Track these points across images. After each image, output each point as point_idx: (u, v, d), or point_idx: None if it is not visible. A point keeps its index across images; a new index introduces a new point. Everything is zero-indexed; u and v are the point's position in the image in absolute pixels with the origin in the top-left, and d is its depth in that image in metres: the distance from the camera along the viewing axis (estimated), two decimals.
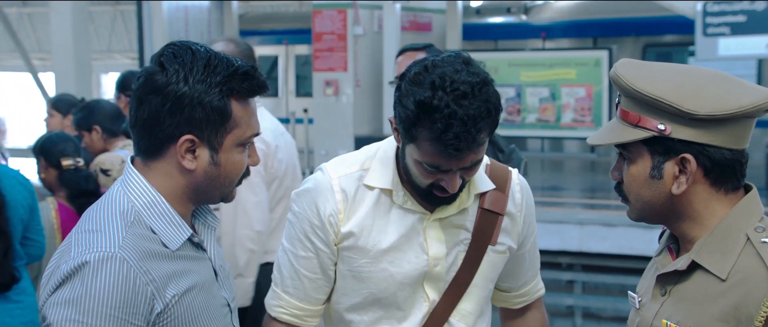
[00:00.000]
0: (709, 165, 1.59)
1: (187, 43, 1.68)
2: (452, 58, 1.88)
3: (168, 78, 1.61)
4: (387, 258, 2.04)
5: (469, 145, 1.82)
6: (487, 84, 1.84)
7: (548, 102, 10.86)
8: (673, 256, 1.70)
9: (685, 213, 1.63)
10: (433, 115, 1.80)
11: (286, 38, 16.40)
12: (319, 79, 11.80)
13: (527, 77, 11.00)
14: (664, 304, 1.66)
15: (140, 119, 1.64)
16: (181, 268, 1.66)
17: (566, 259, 8.66)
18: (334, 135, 11.43)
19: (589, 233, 8.43)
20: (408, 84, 1.86)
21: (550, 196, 10.56)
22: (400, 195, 2.03)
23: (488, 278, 2.12)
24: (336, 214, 2.03)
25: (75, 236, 1.61)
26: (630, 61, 1.67)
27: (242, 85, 1.65)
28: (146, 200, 1.65)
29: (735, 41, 9.29)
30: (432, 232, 2.04)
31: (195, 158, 1.65)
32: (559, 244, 8.49)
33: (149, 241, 1.62)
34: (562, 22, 14.73)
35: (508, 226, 2.12)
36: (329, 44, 11.67)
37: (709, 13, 9.38)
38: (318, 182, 2.07)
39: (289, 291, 2.11)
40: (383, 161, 2.06)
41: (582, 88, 10.60)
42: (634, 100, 1.60)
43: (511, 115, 11.09)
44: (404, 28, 11.65)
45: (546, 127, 11.07)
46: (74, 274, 1.53)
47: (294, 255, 2.09)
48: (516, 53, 12.10)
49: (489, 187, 2.08)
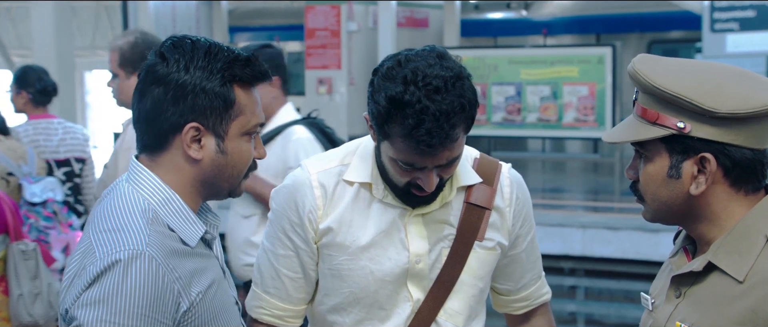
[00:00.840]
0: (730, 165, 1.58)
1: (186, 35, 1.73)
2: (426, 52, 1.89)
3: (169, 67, 1.66)
4: (367, 255, 2.04)
5: (442, 142, 1.83)
6: (461, 78, 1.86)
7: (549, 101, 10.85)
8: (689, 257, 1.69)
9: (703, 214, 1.62)
10: (405, 111, 1.81)
11: (278, 35, 16.38)
12: (311, 77, 11.78)
13: (528, 75, 10.99)
14: (678, 306, 1.65)
15: (143, 112, 1.68)
16: (201, 266, 1.70)
17: (568, 263, 8.65)
18: None
19: (593, 237, 8.42)
20: (380, 79, 1.87)
21: (551, 198, 10.55)
22: (380, 189, 2.04)
23: (477, 276, 2.10)
24: (315, 210, 2.05)
25: (95, 236, 1.63)
26: (649, 56, 1.66)
27: (244, 71, 1.69)
28: (161, 197, 1.68)
29: (744, 37, 9.29)
30: (413, 228, 2.04)
31: (201, 147, 1.68)
32: (561, 248, 8.48)
33: (170, 239, 1.65)
34: (564, 17, 14.73)
35: (496, 222, 2.11)
36: (322, 41, 11.66)
37: (716, 9, 9.38)
38: (297, 178, 2.08)
39: (270, 291, 2.12)
40: (363, 156, 2.07)
41: (585, 86, 10.59)
42: (653, 96, 1.60)
43: (511, 114, 11.08)
44: (400, 25, 11.65)
45: (547, 127, 11.06)
46: (105, 273, 1.56)
47: (274, 254, 2.10)
48: (516, 50, 12.08)
49: (474, 180, 2.08)
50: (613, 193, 10.30)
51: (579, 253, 8.52)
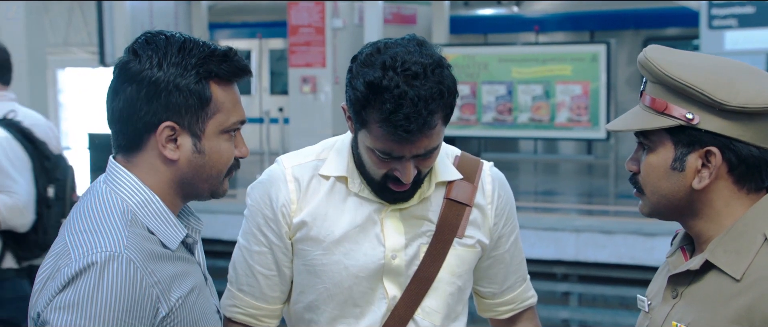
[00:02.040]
0: (735, 160, 1.61)
1: (161, 31, 1.71)
2: (406, 40, 1.94)
3: (141, 64, 1.65)
4: (341, 249, 2.07)
5: (420, 128, 1.87)
6: (441, 66, 1.91)
7: (542, 100, 10.88)
8: (686, 256, 1.72)
9: (703, 210, 1.65)
10: (383, 96, 1.86)
11: (260, 31, 16.37)
12: (295, 75, 11.77)
13: (519, 74, 11.01)
14: (675, 306, 1.67)
15: (116, 111, 1.67)
16: (181, 270, 1.69)
17: (561, 269, 8.66)
18: (312, 135, 11.39)
19: (586, 241, 8.44)
20: (358, 65, 1.93)
21: (544, 201, 10.57)
22: (356, 182, 2.07)
23: (456, 273, 2.12)
24: (288, 204, 2.08)
25: (70, 237, 1.62)
26: (661, 46, 1.69)
27: (221, 67, 1.68)
28: (140, 199, 1.67)
29: (743, 34, 9.34)
30: (390, 223, 2.07)
31: (177, 147, 1.67)
32: (554, 252, 8.50)
33: (150, 242, 1.65)
34: (557, 14, 14.78)
35: (477, 219, 2.14)
36: (306, 38, 11.65)
37: (714, 5, 9.43)
38: (272, 173, 2.12)
39: (244, 289, 2.15)
40: (340, 151, 2.11)
41: (578, 85, 10.62)
42: (663, 86, 1.63)
43: (501, 114, 11.10)
44: (387, 21, 11.66)
45: (539, 128, 11.08)
46: (79, 276, 1.55)
47: (248, 251, 2.13)
48: (507, 48, 12.11)
49: (454, 176, 2.12)
50: (607, 196, 10.33)
51: (572, 258, 8.54)
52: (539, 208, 9.66)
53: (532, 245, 8.08)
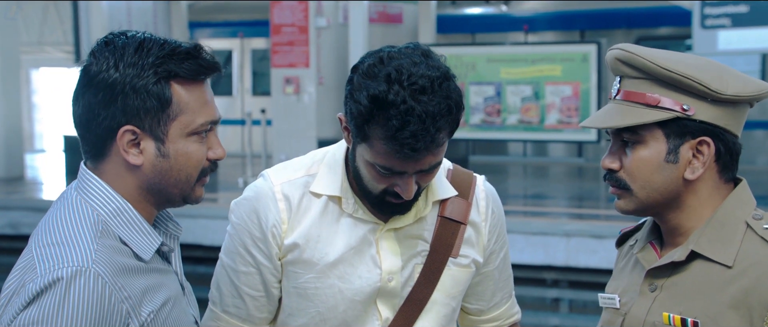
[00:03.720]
0: (723, 150, 1.70)
1: (125, 31, 1.68)
2: (410, 50, 1.88)
3: (98, 67, 1.62)
4: (335, 272, 2.03)
5: (427, 146, 1.82)
6: (448, 79, 1.85)
7: (531, 101, 10.91)
8: (657, 250, 1.79)
9: (687, 201, 1.73)
10: (389, 111, 1.79)
11: (242, 31, 16.33)
12: (277, 76, 11.75)
13: (508, 74, 11.04)
14: (656, 299, 1.74)
15: (77, 118, 1.66)
16: (154, 282, 1.66)
17: (551, 274, 8.68)
18: (295, 138, 11.39)
19: (577, 246, 8.46)
20: (361, 77, 1.85)
21: (533, 204, 10.59)
22: (350, 203, 2.02)
23: (450, 295, 2.10)
24: (279, 224, 2.03)
25: (37, 251, 1.58)
26: (629, 44, 1.76)
27: (182, 65, 1.64)
28: (112, 208, 1.64)
29: (736, 34, 9.37)
30: (386, 244, 2.03)
31: (140, 152, 1.64)
32: (544, 258, 8.51)
33: (121, 254, 1.62)
34: (546, 13, 14.81)
35: (471, 237, 2.11)
36: (289, 37, 11.64)
37: (707, 4, 9.47)
38: (259, 190, 2.06)
39: (229, 310, 2.10)
40: (331, 166, 2.05)
41: (568, 86, 10.66)
42: (654, 79, 1.69)
43: (490, 116, 11.12)
44: (372, 20, 11.66)
45: (528, 129, 11.11)
46: (44, 292, 1.52)
47: (234, 271, 2.08)
48: (495, 48, 12.14)
49: (450, 193, 2.08)
50: (598, 200, 10.36)
51: (562, 264, 8.55)
52: (528, 212, 9.67)
53: (521, 250, 8.09)
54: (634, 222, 1.98)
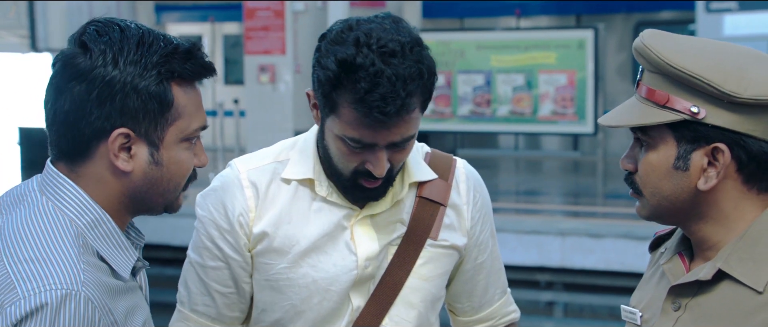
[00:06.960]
0: (745, 158, 1.58)
1: (112, 19, 1.64)
2: (380, 18, 1.93)
3: (93, 60, 1.58)
4: (308, 261, 2.05)
5: (397, 110, 1.85)
6: (419, 45, 1.90)
7: (523, 91, 10.92)
8: (685, 263, 1.70)
9: (709, 213, 1.63)
10: (357, 74, 1.84)
11: (213, 15, 16.28)
12: (251, 63, 11.73)
13: (499, 62, 11.05)
14: (679, 319, 1.65)
15: (60, 113, 1.59)
16: (132, 304, 1.64)
17: (545, 276, 8.71)
18: (271, 130, 11.37)
19: (573, 246, 8.49)
20: (328, 43, 1.90)
21: (526, 201, 10.62)
22: (323, 186, 2.05)
23: (426, 278, 2.11)
24: (246, 212, 2.05)
25: (13, 267, 1.52)
26: (659, 31, 1.66)
27: (184, 66, 1.63)
28: (90, 219, 1.60)
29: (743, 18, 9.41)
30: (361, 229, 2.06)
31: (131, 157, 1.61)
32: (537, 258, 8.54)
33: (102, 272, 1.58)
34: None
35: (452, 221, 2.13)
36: (264, 22, 11.61)
37: None
38: (224, 179, 2.10)
39: (198, 309, 2.11)
40: (303, 150, 2.08)
41: (563, 74, 10.68)
42: (664, 76, 1.60)
43: (479, 106, 11.13)
44: (353, 4, 11.64)
45: (520, 121, 11.13)
46: (29, 318, 1.47)
47: (201, 266, 2.09)
48: (485, 34, 12.14)
49: (428, 176, 2.11)
50: (595, 196, 10.39)
51: (557, 265, 8.58)
52: (521, 209, 9.70)
53: (513, 250, 8.11)
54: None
